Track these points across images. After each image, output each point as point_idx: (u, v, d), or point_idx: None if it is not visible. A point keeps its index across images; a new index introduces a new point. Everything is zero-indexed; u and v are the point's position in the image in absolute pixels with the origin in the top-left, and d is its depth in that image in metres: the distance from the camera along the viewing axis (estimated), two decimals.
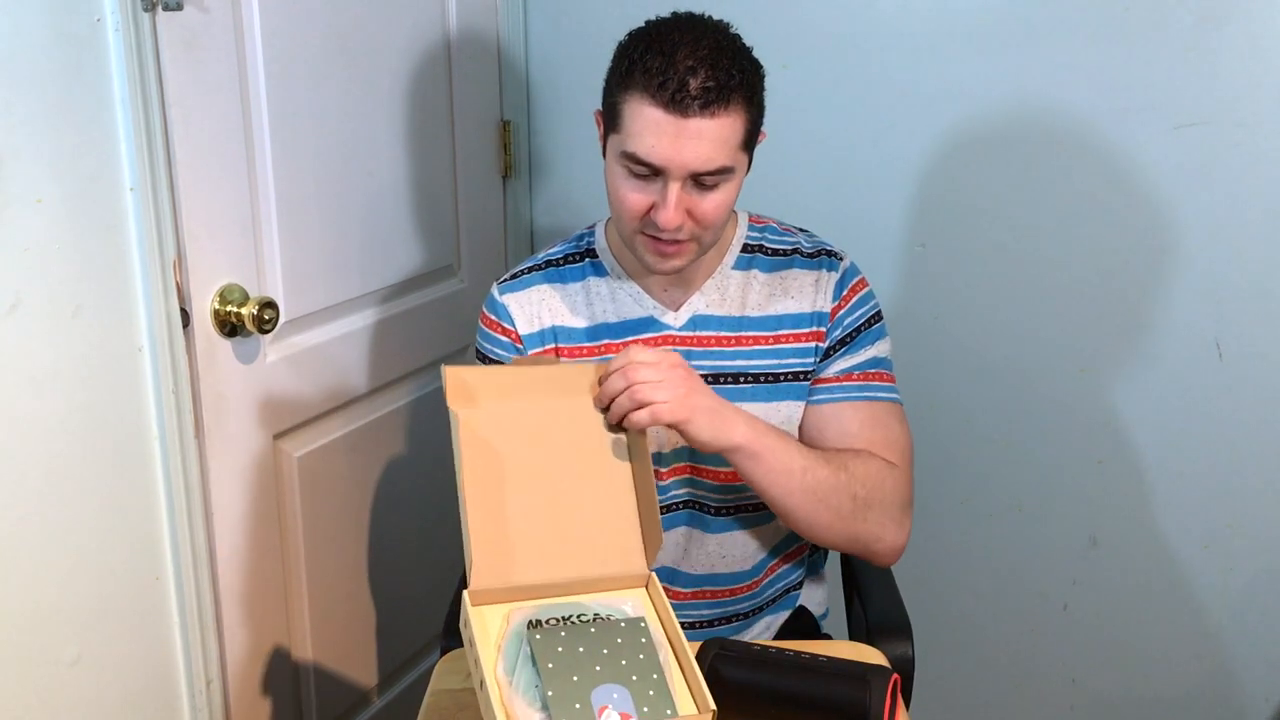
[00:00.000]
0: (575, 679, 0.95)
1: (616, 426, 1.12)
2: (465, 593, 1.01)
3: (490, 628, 1.00)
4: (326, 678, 1.68)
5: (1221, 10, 1.58)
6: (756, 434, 1.19)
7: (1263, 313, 1.66)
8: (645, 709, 0.94)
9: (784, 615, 1.45)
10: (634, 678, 0.96)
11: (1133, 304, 1.73)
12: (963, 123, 1.74)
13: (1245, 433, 1.71)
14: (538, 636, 0.98)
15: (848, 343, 1.31)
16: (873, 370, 1.31)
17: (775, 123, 1.82)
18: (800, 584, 1.45)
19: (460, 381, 1.09)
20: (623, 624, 1.00)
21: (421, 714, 1.15)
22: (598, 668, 0.96)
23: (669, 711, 0.94)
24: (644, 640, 0.99)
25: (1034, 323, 1.79)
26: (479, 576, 1.02)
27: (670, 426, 1.13)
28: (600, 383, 1.12)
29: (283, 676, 1.60)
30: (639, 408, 1.09)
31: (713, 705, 0.94)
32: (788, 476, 1.20)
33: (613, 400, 1.10)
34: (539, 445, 1.10)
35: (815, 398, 1.31)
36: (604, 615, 1.02)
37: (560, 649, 0.97)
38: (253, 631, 1.51)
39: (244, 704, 1.51)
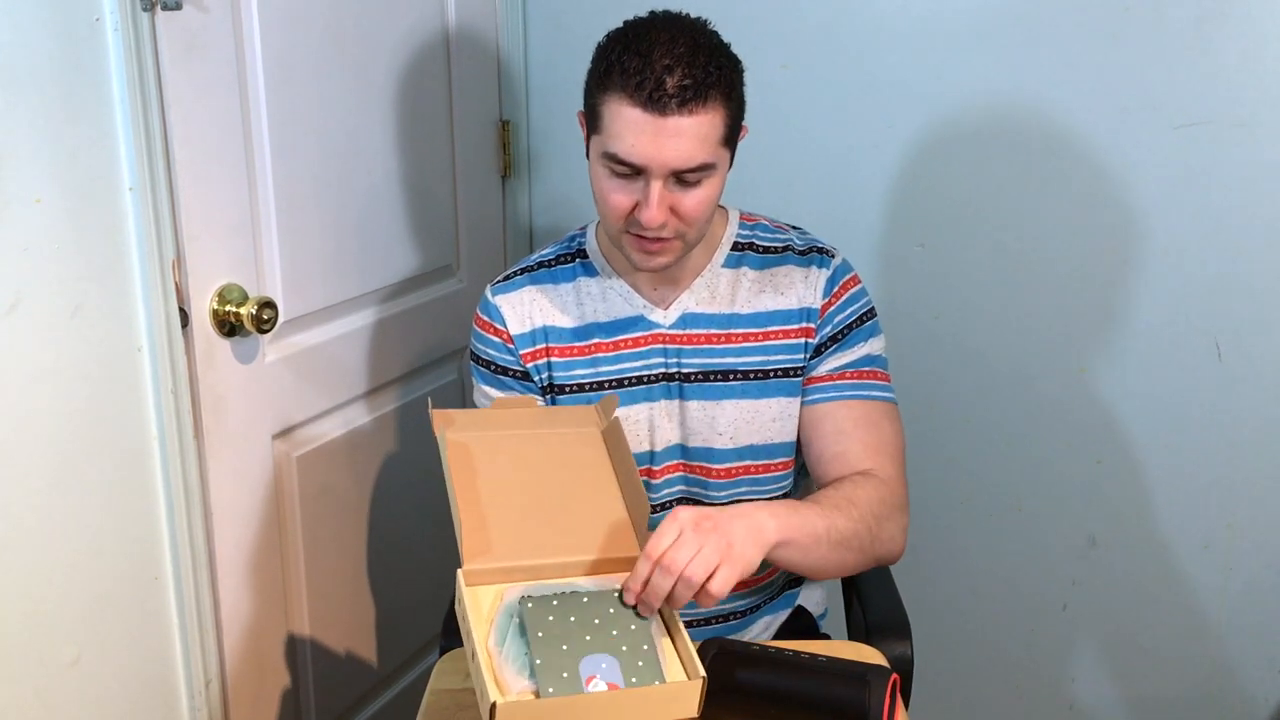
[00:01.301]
0: (564, 648, 0.95)
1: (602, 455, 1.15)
2: (459, 571, 1.02)
3: (483, 604, 1.02)
4: (326, 677, 1.68)
5: (1221, 10, 1.58)
6: (781, 522, 1.12)
7: (1263, 313, 1.66)
8: (634, 679, 0.94)
9: (783, 615, 1.45)
10: (624, 648, 0.96)
11: (1133, 304, 1.73)
12: (962, 123, 1.74)
13: (1245, 433, 1.71)
14: (529, 606, 0.98)
15: (839, 339, 1.30)
16: (866, 368, 1.31)
17: (775, 122, 1.83)
18: (800, 580, 1.45)
19: (445, 416, 1.16)
20: (616, 595, 1.01)
21: (421, 714, 1.15)
22: (587, 637, 0.97)
23: (657, 681, 0.95)
24: (636, 613, 1.00)
25: (1033, 322, 1.79)
26: (471, 556, 1.03)
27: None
28: (628, 596, 1.04)
29: (282, 676, 1.60)
30: (697, 589, 1.01)
31: (702, 672, 0.95)
32: (816, 544, 1.15)
33: (660, 600, 1.02)
34: (520, 456, 1.13)
35: (809, 397, 1.31)
36: (596, 592, 1.03)
37: (551, 618, 0.97)
38: (252, 631, 1.51)
39: (243, 704, 1.51)
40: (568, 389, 1.32)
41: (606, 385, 1.31)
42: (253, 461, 1.48)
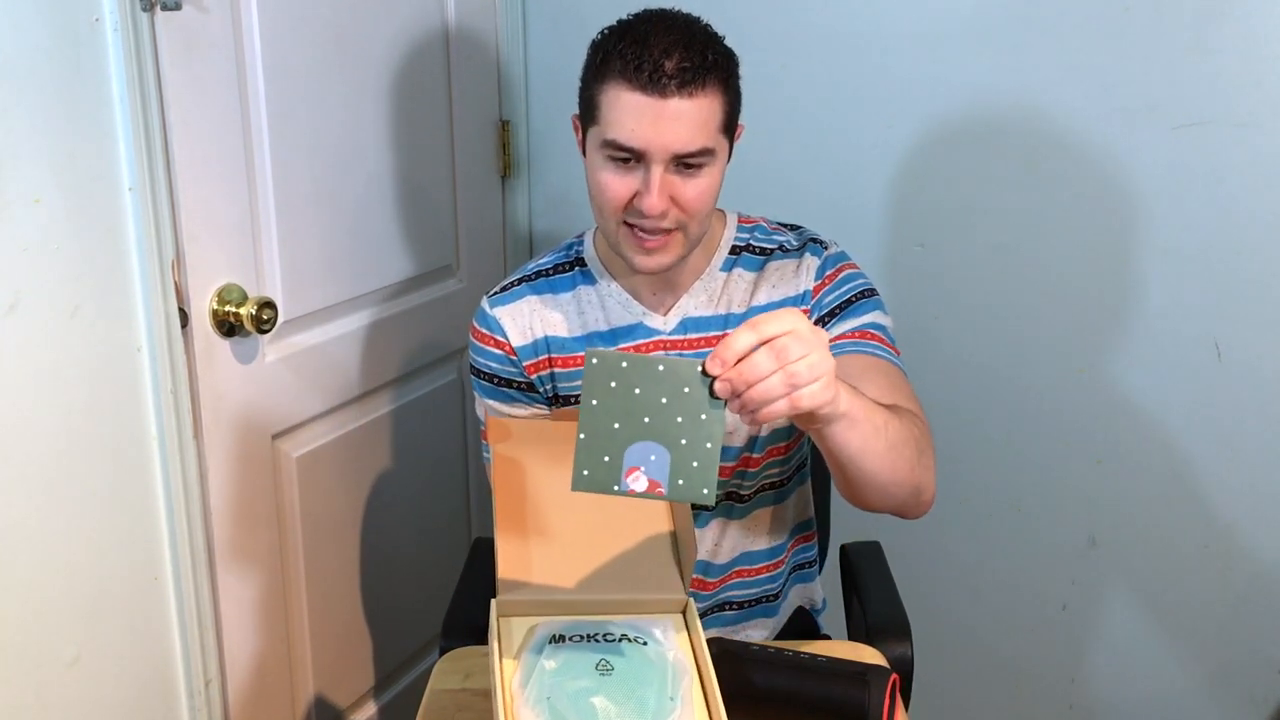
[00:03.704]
0: (616, 426, 0.86)
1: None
2: (493, 601, 1.00)
3: (514, 638, 0.99)
4: (325, 677, 1.68)
5: (1221, 10, 1.58)
6: (850, 395, 1.01)
7: (1262, 313, 1.66)
8: (680, 481, 0.84)
9: (784, 616, 1.45)
10: (683, 441, 0.85)
11: (1132, 304, 1.73)
12: (962, 123, 1.74)
13: (1245, 433, 1.71)
14: (594, 362, 0.85)
15: (837, 313, 1.28)
16: (871, 331, 1.27)
17: (775, 122, 1.83)
18: (804, 566, 1.46)
19: (501, 427, 1.11)
20: (698, 370, 0.87)
21: (420, 714, 1.15)
22: (646, 419, 0.85)
23: (704, 491, 0.85)
24: (716, 407, 0.87)
25: (1033, 322, 1.79)
26: (507, 587, 1.01)
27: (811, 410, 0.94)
28: (713, 364, 0.89)
29: (281, 676, 1.60)
30: (789, 393, 0.89)
31: None
32: (877, 435, 1.06)
33: (753, 384, 0.88)
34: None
35: None
36: (631, 636, 0.99)
37: (614, 384, 0.85)
38: (251, 631, 1.51)
39: (243, 704, 1.51)
40: (573, 399, 1.32)
41: None
42: (252, 461, 1.48)
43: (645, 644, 0.98)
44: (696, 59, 1.12)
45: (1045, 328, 1.78)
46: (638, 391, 0.86)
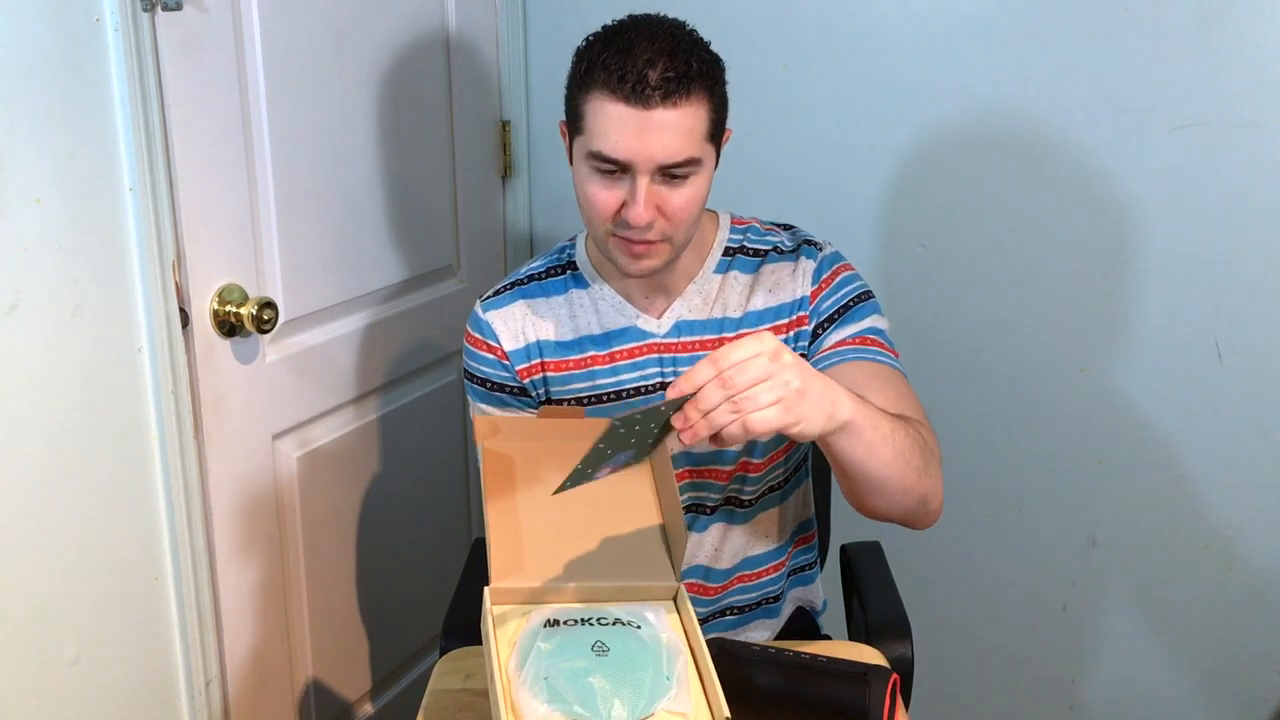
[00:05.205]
0: (609, 453, 0.97)
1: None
2: (486, 590, 1.01)
3: (509, 625, 1.00)
4: (326, 677, 1.68)
5: (1221, 10, 1.58)
6: (856, 405, 1.03)
7: (1263, 313, 1.66)
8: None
9: (784, 616, 1.45)
10: (649, 441, 1.00)
11: (1133, 304, 1.73)
12: (962, 123, 1.74)
13: (1245, 433, 1.71)
14: (618, 425, 0.91)
15: (836, 319, 1.28)
16: (871, 337, 1.27)
17: (775, 123, 1.83)
18: (804, 569, 1.46)
19: (489, 424, 1.14)
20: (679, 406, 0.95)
21: (421, 714, 1.15)
22: (633, 440, 0.96)
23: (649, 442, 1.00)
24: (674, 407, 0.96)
25: (1033, 323, 1.79)
26: (500, 575, 1.02)
27: (776, 431, 0.97)
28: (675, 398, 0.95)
29: (282, 676, 1.60)
30: (737, 418, 0.93)
31: (727, 712, 0.92)
32: (883, 443, 1.07)
33: (705, 414, 0.93)
34: (562, 471, 1.06)
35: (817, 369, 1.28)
36: (625, 620, 1.00)
37: (623, 431, 0.93)
38: (252, 631, 1.51)
39: (243, 704, 1.51)
40: (566, 404, 1.32)
41: (605, 398, 1.30)
42: (253, 461, 1.48)
43: (639, 627, 0.99)
44: (681, 68, 1.11)
45: (1045, 328, 1.78)
46: (638, 429, 0.95)
